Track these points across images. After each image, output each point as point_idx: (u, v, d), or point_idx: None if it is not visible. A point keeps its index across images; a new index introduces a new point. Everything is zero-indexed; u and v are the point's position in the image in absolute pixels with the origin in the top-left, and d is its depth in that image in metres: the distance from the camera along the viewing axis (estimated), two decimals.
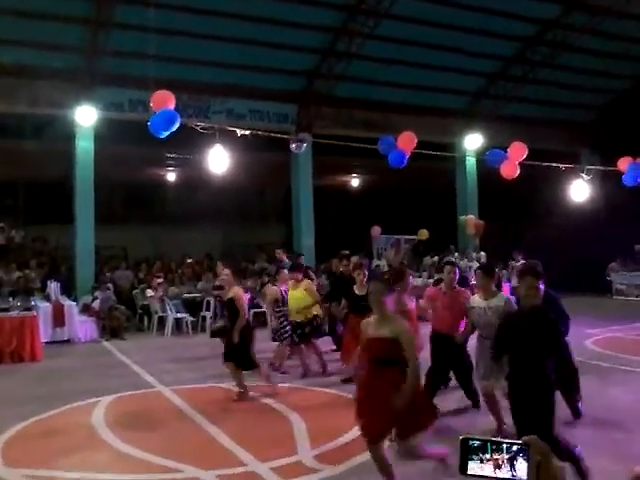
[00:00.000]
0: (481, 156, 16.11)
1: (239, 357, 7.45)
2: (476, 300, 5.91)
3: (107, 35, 13.84)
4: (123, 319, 13.32)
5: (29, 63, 13.42)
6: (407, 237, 18.48)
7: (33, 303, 11.49)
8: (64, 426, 6.70)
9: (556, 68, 17.83)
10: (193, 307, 14.09)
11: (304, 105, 17.02)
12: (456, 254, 18.32)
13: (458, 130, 18.30)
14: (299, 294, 8.88)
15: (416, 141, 9.35)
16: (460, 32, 15.82)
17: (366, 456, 5.37)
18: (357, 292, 8.05)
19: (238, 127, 9.54)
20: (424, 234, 17.35)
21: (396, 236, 18.36)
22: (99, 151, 14.98)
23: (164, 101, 7.93)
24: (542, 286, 4.56)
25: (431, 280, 15.04)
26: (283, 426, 6.50)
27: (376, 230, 17.69)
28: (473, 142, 17.83)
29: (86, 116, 13.30)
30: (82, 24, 13.61)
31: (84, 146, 14.90)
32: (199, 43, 14.45)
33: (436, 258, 18.80)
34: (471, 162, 19.54)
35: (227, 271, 7.86)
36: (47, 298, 12.57)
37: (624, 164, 10.38)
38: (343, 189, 23.52)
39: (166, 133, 8.01)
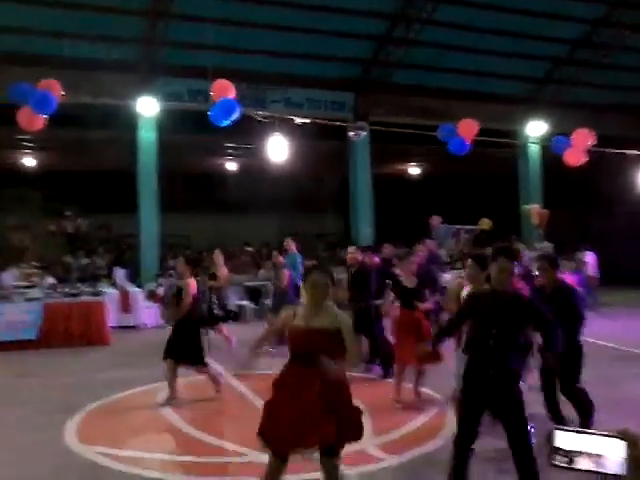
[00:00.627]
0: (544, 143, 15.70)
1: (188, 351, 7.00)
2: (466, 292, 5.45)
3: (166, 26, 14.10)
4: None
5: (92, 56, 13.79)
6: (468, 227, 18.16)
7: (100, 289, 11.89)
8: (132, 408, 6.94)
9: (623, 51, 17.13)
10: (254, 295, 14.30)
11: (361, 93, 16.92)
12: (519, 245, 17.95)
13: (520, 117, 17.82)
14: None
15: (477, 128, 9.17)
16: (523, 16, 15.39)
17: (430, 447, 5.37)
18: (407, 285, 7.25)
19: (295, 116, 9.59)
20: (486, 223, 16.98)
21: (457, 226, 18.07)
22: (161, 141, 15.32)
23: (224, 90, 8.04)
24: (562, 278, 4.40)
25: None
26: None
27: (436, 220, 17.44)
28: (536, 129, 17.36)
29: (147, 106, 13.60)
30: (141, 16, 13.91)
31: (146, 136, 15.27)
32: (256, 32, 14.54)
33: None
34: (534, 149, 19.02)
35: (182, 260, 7.48)
36: (114, 284, 12.98)
37: None
38: (402, 177, 23.31)
39: (226, 122, 8.11)
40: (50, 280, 12.51)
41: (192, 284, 7.17)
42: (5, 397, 7.46)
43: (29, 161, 19.04)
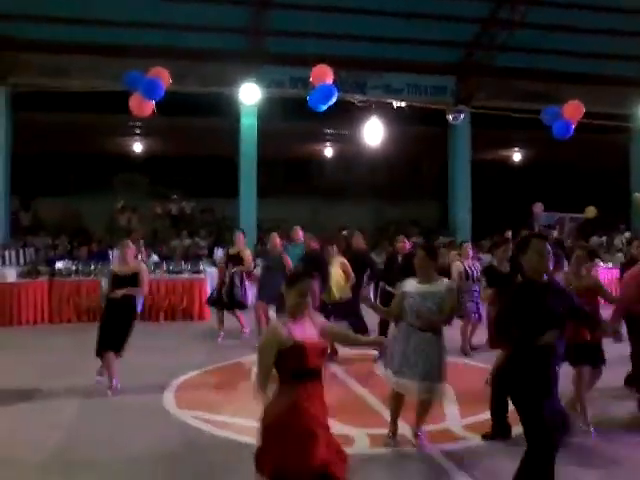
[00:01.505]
0: None
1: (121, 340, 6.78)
2: (411, 285, 5.09)
3: (269, 15, 14.40)
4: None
5: (199, 46, 14.33)
6: (573, 215, 17.39)
7: (202, 267, 12.41)
8: (227, 378, 7.26)
9: None
10: None
11: (463, 77, 16.55)
12: (627, 234, 17.00)
13: (634, 101, 16.77)
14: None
15: (583, 111, 8.75)
16: None
17: (516, 429, 5.26)
18: (502, 270, 6.99)
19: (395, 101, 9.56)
20: (592, 212, 16.17)
21: (560, 213, 17.35)
22: (262, 128, 15.72)
23: (323, 75, 8.14)
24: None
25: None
26: None
27: (538, 207, 16.80)
28: None
29: (250, 94, 13.95)
30: (246, 5, 14.27)
31: (248, 123, 15.71)
32: (357, 18, 14.54)
33: (604, 238, 17.58)
34: None
35: (130, 243, 7.15)
36: (214, 264, 13.51)
37: None
38: (503, 164, 22.62)
39: (324, 107, 8.21)
40: (155, 258, 13.21)
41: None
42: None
43: (138, 147, 20.13)
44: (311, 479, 3.13)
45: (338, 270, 8.18)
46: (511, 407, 4.00)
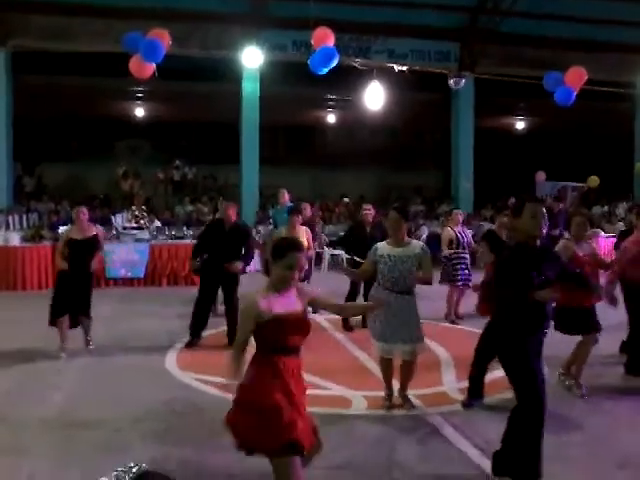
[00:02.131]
0: None
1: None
2: (385, 248, 5.08)
3: None
4: None
5: (200, 8, 14.15)
6: (575, 184, 17.36)
7: None
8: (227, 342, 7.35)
9: None
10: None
11: (467, 43, 16.35)
12: (626, 203, 17.02)
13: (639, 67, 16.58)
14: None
15: (586, 77, 8.67)
16: None
17: (507, 394, 5.37)
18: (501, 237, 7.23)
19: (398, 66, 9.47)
20: (594, 181, 16.12)
21: (562, 182, 17.32)
22: (264, 93, 15.61)
23: (324, 38, 8.08)
24: None
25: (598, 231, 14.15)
26: (430, 358, 6.61)
27: (541, 175, 16.78)
28: None
29: (252, 58, 13.83)
30: None
31: (250, 88, 15.60)
32: None
33: (606, 208, 17.57)
34: None
35: (84, 209, 7.04)
36: None
37: None
38: (506, 131, 22.48)
39: (325, 70, 8.16)
40: (157, 224, 13.26)
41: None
42: (116, 327, 8.11)
43: (139, 112, 20.04)
44: (276, 453, 3.09)
45: (303, 239, 7.85)
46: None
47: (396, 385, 5.27)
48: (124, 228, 12.35)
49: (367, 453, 4.32)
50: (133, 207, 12.79)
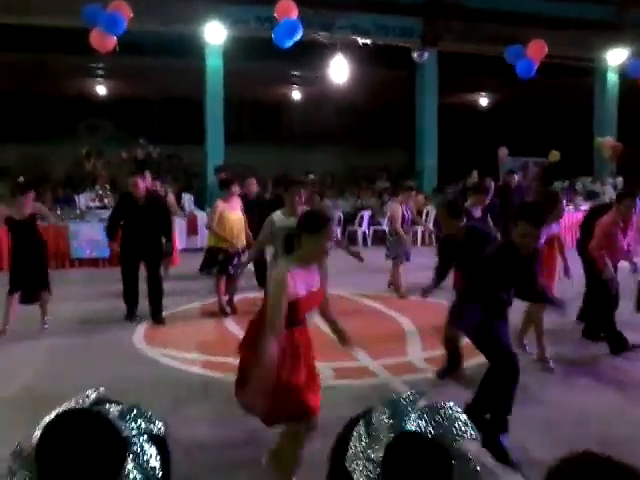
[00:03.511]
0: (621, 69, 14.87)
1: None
2: (281, 219, 5.17)
3: None
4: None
5: None
6: (536, 159, 17.63)
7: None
8: (196, 318, 7.37)
9: None
10: None
11: (430, 18, 16.36)
12: (588, 178, 17.41)
13: (600, 44, 16.84)
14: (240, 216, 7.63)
15: (546, 50, 8.82)
16: None
17: (477, 360, 5.51)
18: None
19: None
20: (555, 155, 16.40)
21: (525, 158, 17.58)
22: (228, 69, 15.42)
23: (287, 10, 8.05)
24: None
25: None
26: (396, 330, 6.74)
27: (503, 151, 17.00)
28: (617, 57, 16.39)
29: (215, 33, 13.68)
30: None
31: (213, 64, 15.38)
32: None
33: (567, 182, 17.91)
34: (612, 79, 18.03)
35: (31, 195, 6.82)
36: (182, 209, 13.45)
37: None
38: (470, 108, 22.66)
39: (289, 43, 8.15)
40: None
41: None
42: (83, 305, 8.04)
43: (101, 89, 19.61)
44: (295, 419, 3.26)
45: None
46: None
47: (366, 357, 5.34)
48: (88, 208, 12.18)
49: (333, 422, 4.41)
50: (97, 187, 12.61)
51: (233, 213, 7.42)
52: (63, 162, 18.76)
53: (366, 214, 14.19)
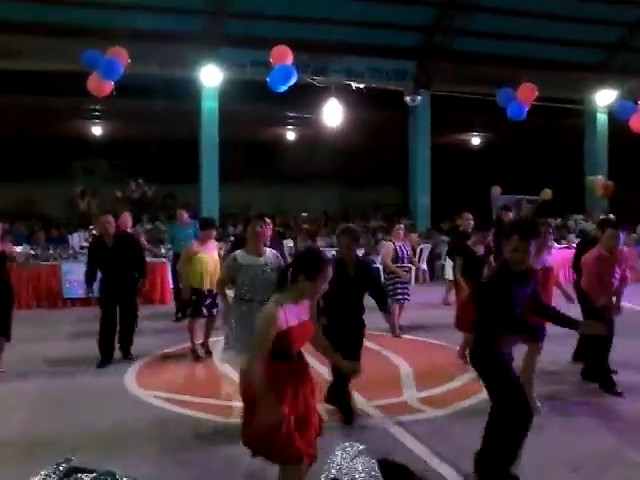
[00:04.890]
0: (610, 109, 15.14)
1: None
2: (246, 257, 5.02)
3: None
4: None
5: (159, 27, 14.14)
6: (529, 197, 17.79)
7: (163, 251, 12.35)
8: (187, 359, 7.30)
9: None
10: None
11: (423, 61, 16.70)
12: (580, 216, 17.56)
13: (590, 86, 17.19)
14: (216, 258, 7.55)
15: (536, 93, 9.00)
16: None
17: (473, 401, 5.47)
18: (477, 253, 6.99)
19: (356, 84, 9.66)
20: (548, 194, 16.59)
21: (517, 196, 17.74)
22: (223, 111, 15.64)
23: (282, 56, 8.19)
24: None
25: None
26: (391, 370, 6.69)
27: (496, 190, 17.18)
28: (606, 98, 16.72)
29: (211, 76, 13.91)
30: None
31: (209, 106, 15.61)
32: (318, 1, 14.55)
33: (560, 220, 18.05)
34: (602, 119, 18.37)
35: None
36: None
37: None
38: (462, 148, 22.97)
39: (284, 87, 8.28)
40: None
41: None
42: (73, 346, 7.97)
43: (97, 130, 19.82)
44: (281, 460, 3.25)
45: (215, 253, 7.64)
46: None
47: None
48: (81, 248, 12.16)
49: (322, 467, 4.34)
50: (91, 227, 12.62)
51: (208, 255, 7.37)
52: (56, 202, 18.81)
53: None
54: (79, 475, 1.09)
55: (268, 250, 5.17)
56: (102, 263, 7.14)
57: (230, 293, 5.22)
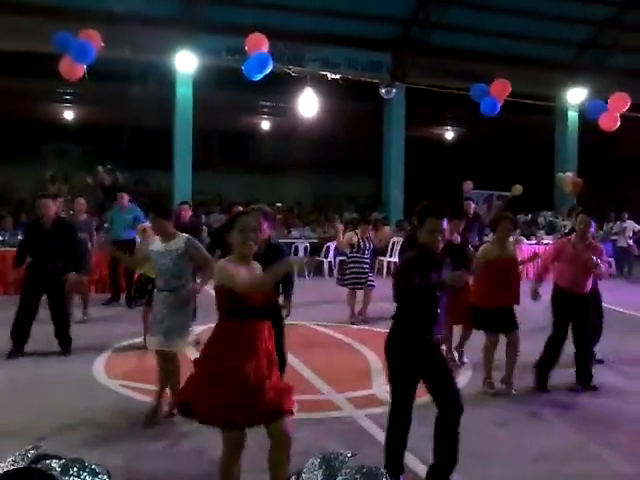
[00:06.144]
0: (581, 108, 15.39)
1: None
2: (155, 244, 4.96)
3: None
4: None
5: (133, 11, 13.88)
6: (500, 193, 18.01)
7: (135, 239, 12.19)
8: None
9: None
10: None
11: (399, 54, 16.76)
12: (549, 212, 17.85)
13: (560, 83, 17.45)
14: None
15: (510, 89, 9.10)
16: None
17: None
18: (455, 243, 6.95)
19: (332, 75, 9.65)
20: (518, 190, 16.79)
21: (488, 191, 17.96)
22: (197, 98, 15.50)
23: (258, 44, 8.14)
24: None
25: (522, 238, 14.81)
26: (360, 363, 6.75)
27: (468, 185, 17.33)
28: (576, 96, 16.98)
29: (185, 62, 13.76)
30: None
31: (183, 92, 15.46)
32: None
33: (530, 216, 18.32)
34: (573, 117, 18.67)
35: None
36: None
37: None
38: (436, 141, 23.13)
39: (259, 76, 8.23)
40: None
41: None
42: (43, 332, 7.86)
43: (69, 115, 19.49)
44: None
45: None
46: None
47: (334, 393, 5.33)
48: None
49: (296, 458, 4.37)
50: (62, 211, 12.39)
51: None
52: (27, 186, 18.47)
53: (332, 245, 14.26)
54: (47, 461, 1.09)
55: (179, 236, 4.91)
56: (34, 247, 6.82)
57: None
